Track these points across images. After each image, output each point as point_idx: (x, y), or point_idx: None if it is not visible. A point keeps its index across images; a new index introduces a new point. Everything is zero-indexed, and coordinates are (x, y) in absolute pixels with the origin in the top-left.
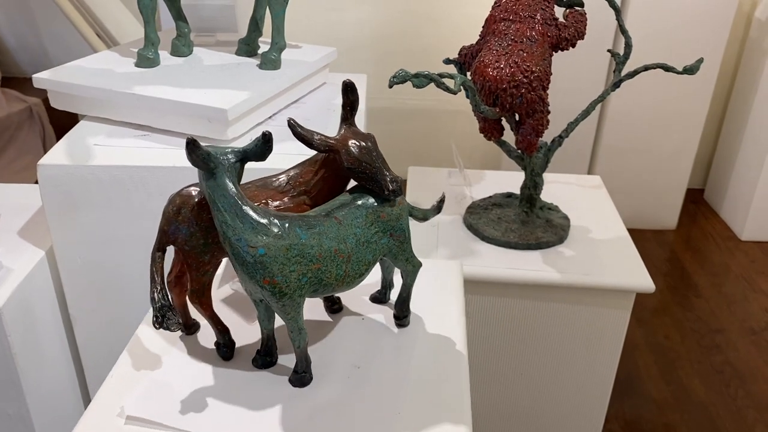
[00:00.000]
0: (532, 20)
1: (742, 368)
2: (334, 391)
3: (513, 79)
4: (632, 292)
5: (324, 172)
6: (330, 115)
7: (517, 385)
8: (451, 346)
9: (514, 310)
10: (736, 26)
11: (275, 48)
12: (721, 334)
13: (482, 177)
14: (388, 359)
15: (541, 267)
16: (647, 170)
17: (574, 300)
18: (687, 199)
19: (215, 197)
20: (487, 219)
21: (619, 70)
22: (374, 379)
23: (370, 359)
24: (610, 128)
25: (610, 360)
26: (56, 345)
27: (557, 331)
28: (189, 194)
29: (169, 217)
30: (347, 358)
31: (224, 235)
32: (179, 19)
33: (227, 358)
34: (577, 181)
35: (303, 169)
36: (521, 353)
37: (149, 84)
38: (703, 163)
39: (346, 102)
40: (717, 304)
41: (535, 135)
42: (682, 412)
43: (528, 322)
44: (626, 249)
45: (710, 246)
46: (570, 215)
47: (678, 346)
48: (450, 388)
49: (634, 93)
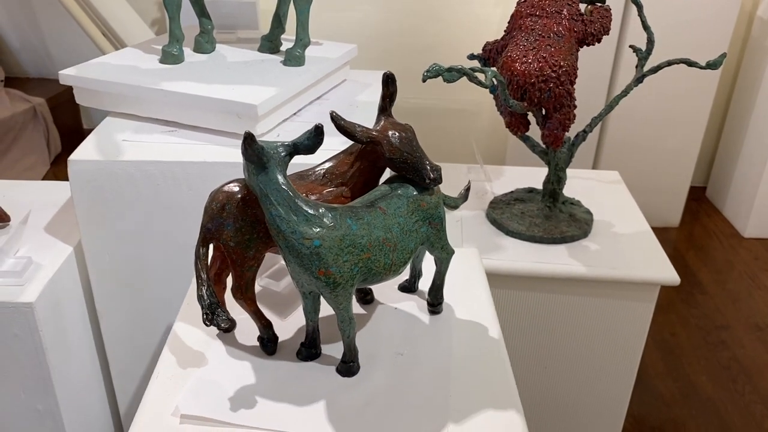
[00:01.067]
0: (559, 16)
1: (749, 364)
2: (382, 378)
3: (541, 73)
4: (657, 285)
5: (360, 164)
6: (353, 111)
7: (542, 377)
8: (485, 329)
9: (540, 304)
10: (738, 25)
11: (300, 44)
12: (726, 331)
13: (501, 173)
14: (429, 345)
15: (568, 261)
16: (651, 168)
17: (600, 293)
18: (689, 197)
19: (268, 191)
20: (510, 214)
21: (641, 65)
22: (419, 364)
23: (412, 346)
24: (614, 125)
25: (633, 353)
26: (83, 340)
27: (582, 324)
28: (232, 190)
29: (213, 214)
30: (389, 346)
31: (277, 228)
32: (203, 16)
33: (271, 352)
34: (596, 177)
35: (338, 161)
36: (546, 346)
37: (176, 80)
38: (705, 161)
39: (385, 93)
40: (722, 301)
41: (561, 129)
42: (690, 408)
43: (554, 316)
44: (649, 243)
45: (713, 243)
46: (592, 210)
47: (684, 342)
48: (493, 367)
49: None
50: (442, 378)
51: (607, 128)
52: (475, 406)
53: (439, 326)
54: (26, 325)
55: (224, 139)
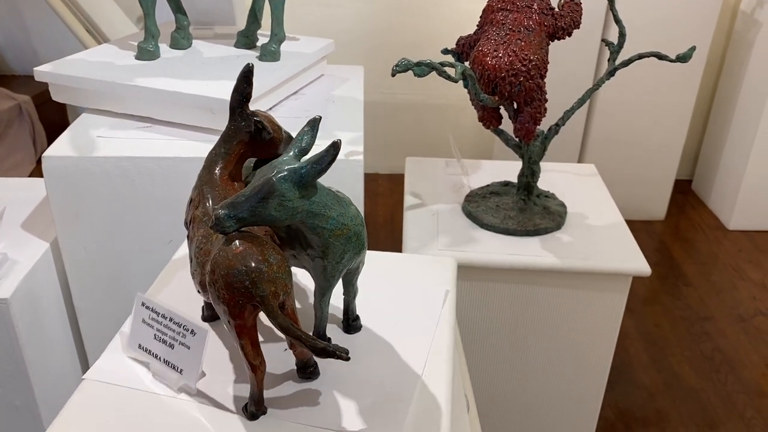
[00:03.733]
0: (529, 10)
1: (732, 355)
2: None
3: (511, 67)
4: (629, 276)
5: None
6: (328, 105)
7: (517, 368)
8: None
9: (515, 296)
10: (722, 19)
11: (275, 40)
12: (710, 322)
13: (479, 166)
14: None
15: (540, 252)
16: (636, 161)
17: (573, 284)
18: (675, 190)
19: (312, 207)
20: (485, 207)
21: (613, 59)
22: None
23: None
24: (599, 119)
25: (607, 344)
26: (61, 336)
27: (556, 315)
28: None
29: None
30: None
31: (343, 226)
32: (179, 12)
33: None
34: (572, 170)
35: (229, 156)
36: (521, 337)
37: (151, 76)
38: (691, 154)
39: (238, 87)
40: (706, 293)
41: (533, 123)
42: (674, 398)
43: (528, 307)
44: (622, 234)
45: (698, 236)
46: (566, 202)
47: (668, 333)
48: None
49: (624, 84)
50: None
51: (591, 122)
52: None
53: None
54: (1, 320)
55: (199, 135)
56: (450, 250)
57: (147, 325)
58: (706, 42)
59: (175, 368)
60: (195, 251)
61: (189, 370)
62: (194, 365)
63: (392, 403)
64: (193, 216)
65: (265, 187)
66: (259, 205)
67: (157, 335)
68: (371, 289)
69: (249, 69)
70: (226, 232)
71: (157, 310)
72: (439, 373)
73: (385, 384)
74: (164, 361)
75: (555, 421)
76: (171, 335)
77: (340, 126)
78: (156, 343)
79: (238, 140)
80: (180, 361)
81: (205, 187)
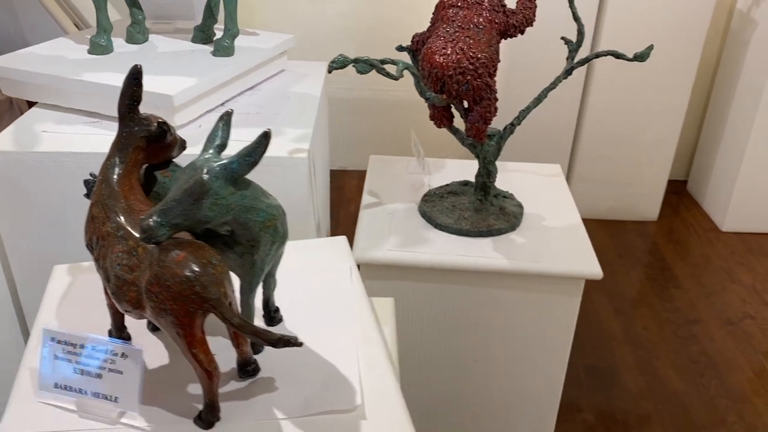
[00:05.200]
0: (480, 7)
1: (717, 358)
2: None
3: (459, 65)
4: (581, 279)
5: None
6: (284, 102)
7: (472, 370)
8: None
9: (466, 298)
10: (718, 18)
11: (228, 35)
12: (698, 325)
13: (443, 165)
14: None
15: (491, 254)
16: (628, 161)
17: (524, 287)
18: (670, 191)
19: (245, 201)
20: (441, 207)
21: (571, 57)
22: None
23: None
24: (590, 118)
25: (562, 348)
26: (7, 332)
27: (509, 318)
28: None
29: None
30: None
31: (272, 217)
32: (133, 6)
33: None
34: (536, 170)
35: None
36: (474, 340)
37: (99, 71)
38: (686, 155)
39: (126, 91)
40: (696, 295)
41: (483, 122)
42: (656, 402)
43: (480, 310)
44: (577, 236)
45: (691, 237)
46: (525, 203)
47: (655, 336)
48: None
49: (615, 83)
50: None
51: (583, 120)
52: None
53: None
54: None
55: None
56: (399, 250)
57: (63, 361)
58: (700, 40)
59: (109, 398)
60: (116, 270)
61: (126, 396)
62: (132, 390)
63: (341, 377)
64: (101, 233)
65: (196, 187)
66: (192, 208)
67: (78, 369)
68: (280, 278)
69: (137, 70)
70: (159, 241)
71: (72, 341)
72: (371, 339)
73: (327, 362)
74: (93, 394)
75: (511, 424)
76: (97, 364)
77: (290, 123)
78: (78, 378)
79: (133, 147)
80: (113, 389)
81: (108, 201)
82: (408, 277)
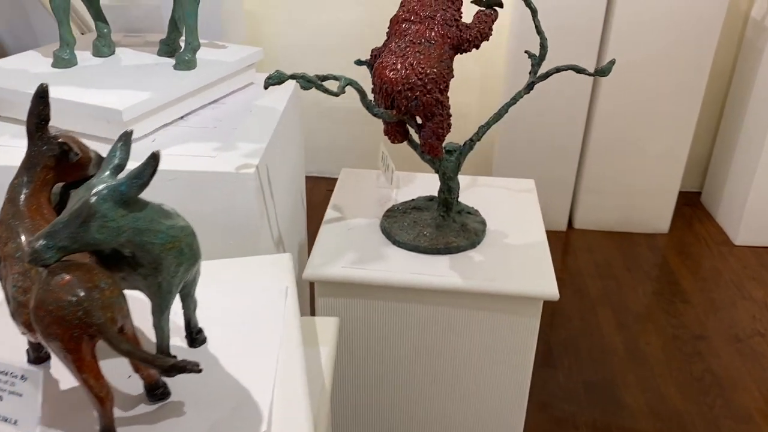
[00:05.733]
0: (432, 21)
1: (723, 376)
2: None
3: (407, 81)
4: (538, 300)
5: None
6: (245, 115)
7: (430, 392)
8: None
9: (421, 317)
10: (732, 26)
11: (188, 49)
12: (704, 341)
13: (412, 180)
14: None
15: (445, 272)
16: (637, 171)
17: (479, 306)
18: (683, 203)
19: (138, 223)
20: (402, 223)
21: (534, 72)
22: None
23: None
24: (598, 128)
25: (523, 369)
26: None
27: (466, 338)
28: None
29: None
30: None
31: (173, 238)
32: (98, 20)
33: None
34: (508, 185)
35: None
36: (432, 360)
37: (56, 85)
38: (700, 165)
39: (33, 110)
40: (703, 311)
41: (436, 138)
42: (656, 420)
43: (436, 329)
44: (539, 255)
45: (703, 251)
46: (491, 219)
47: (658, 352)
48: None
49: (623, 91)
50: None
51: (591, 130)
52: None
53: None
54: None
55: (99, 145)
56: (352, 267)
57: None
58: (711, 49)
59: (9, 420)
60: (12, 291)
61: (26, 418)
62: (31, 412)
63: (252, 403)
64: (4, 254)
65: (83, 209)
66: (80, 230)
67: None
68: (210, 298)
69: (43, 89)
70: (47, 264)
71: None
72: (293, 363)
73: (242, 387)
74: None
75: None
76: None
77: (245, 137)
78: None
79: (41, 166)
80: (13, 411)
81: (12, 221)
82: (362, 295)
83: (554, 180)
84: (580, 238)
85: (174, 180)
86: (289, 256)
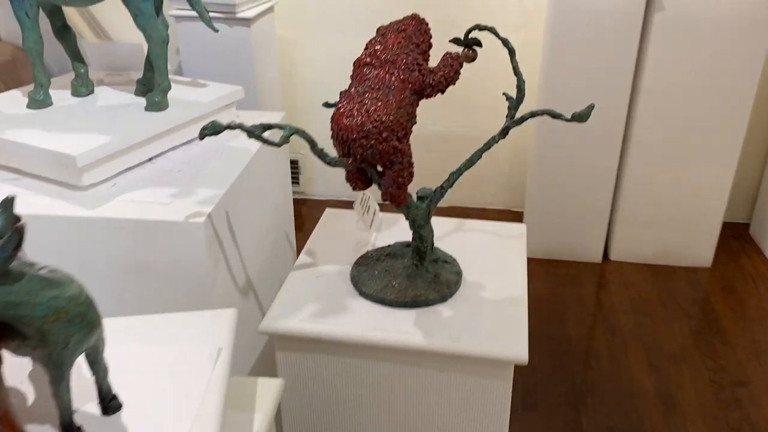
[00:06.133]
0: (393, 65)
1: (764, 429)
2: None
3: (362, 129)
4: (508, 363)
5: None
6: (214, 158)
7: None
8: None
9: (384, 376)
10: None
11: (158, 90)
12: (744, 387)
13: (395, 222)
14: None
15: (409, 329)
16: (677, 202)
17: (444, 367)
18: (729, 235)
19: (10, 297)
20: (372, 272)
21: (510, 115)
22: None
23: None
24: (634, 154)
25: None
26: None
27: (432, 399)
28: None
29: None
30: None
31: (57, 310)
32: (75, 60)
33: None
34: (498, 230)
35: None
36: (396, 421)
37: (22, 128)
38: (748, 196)
39: None
40: (745, 354)
41: (396, 187)
42: None
43: (400, 389)
44: (514, 312)
45: (748, 287)
46: (469, 269)
47: (691, 397)
48: None
49: (660, 119)
50: None
51: (626, 162)
52: None
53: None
54: None
55: (63, 191)
56: (310, 321)
57: None
58: (755, 76)
59: None
60: None
61: None
62: None
63: None
64: None
65: None
66: None
67: None
68: (136, 356)
69: None
70: None
71: None
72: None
73: None
74: None
75: None
76: None
77: (205, 183)
78: None
79: None
80: None
81: None
82: (319, 350)
83: (589, 209)
84: (616, 271)
85: (123, 229)
86: (233, 311)
